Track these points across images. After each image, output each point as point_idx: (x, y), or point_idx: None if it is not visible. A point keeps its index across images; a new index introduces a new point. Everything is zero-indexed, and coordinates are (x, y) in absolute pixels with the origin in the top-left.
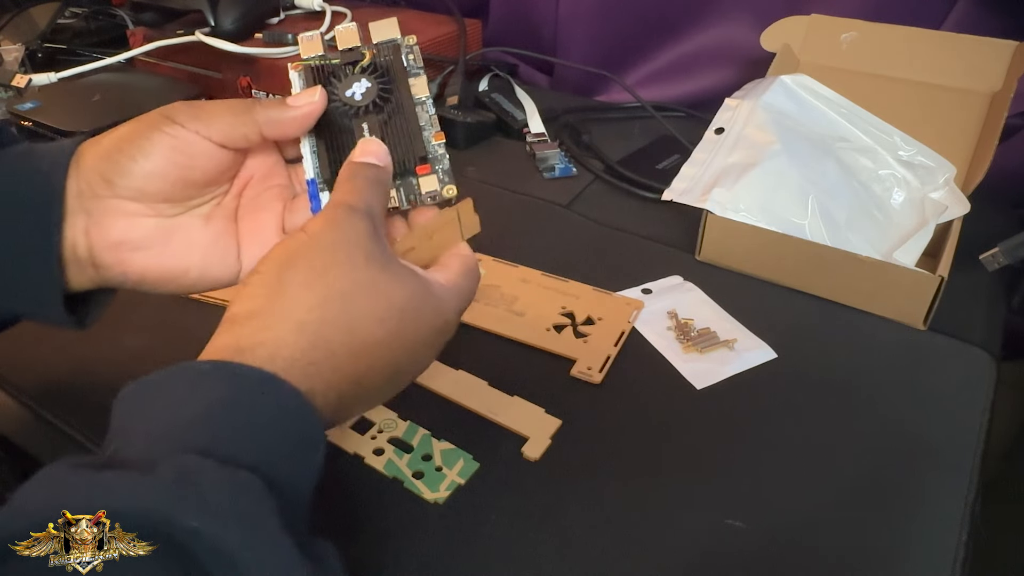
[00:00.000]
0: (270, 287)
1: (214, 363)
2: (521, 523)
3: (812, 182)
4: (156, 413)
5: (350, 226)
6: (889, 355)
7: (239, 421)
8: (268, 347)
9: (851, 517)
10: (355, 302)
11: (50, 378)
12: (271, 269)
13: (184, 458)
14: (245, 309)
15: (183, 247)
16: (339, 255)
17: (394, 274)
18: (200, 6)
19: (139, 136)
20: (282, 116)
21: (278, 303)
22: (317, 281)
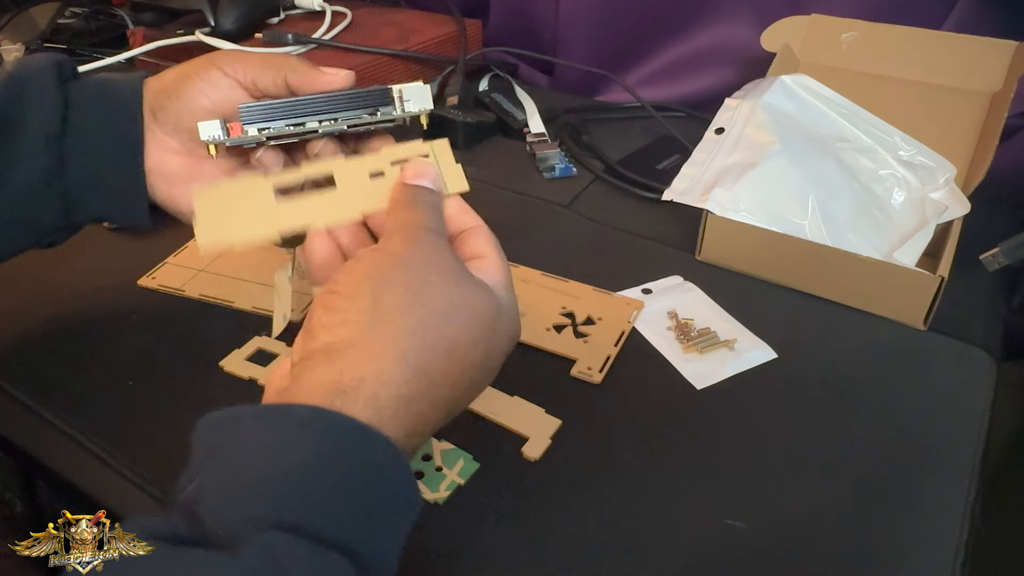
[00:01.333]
0: (366, 311)
1: (314, 410)
2: (521, 523)
3: (812, 182)
4: (245, 458)
5: (432, 242)
6: (889, 355)
7: (335, 485)
8: (371, 384)
9: (851, 517)
10: (452, 323)
11: (50, 378)
12: (363, 291)
13: (271, 536)
14: (343, 337)
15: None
16: (431, 274)
17: (480, 290)
18: (200, 6)
19: (183, 78)
20: (307, 72)
21: (377, 329)
22: (413, 303)
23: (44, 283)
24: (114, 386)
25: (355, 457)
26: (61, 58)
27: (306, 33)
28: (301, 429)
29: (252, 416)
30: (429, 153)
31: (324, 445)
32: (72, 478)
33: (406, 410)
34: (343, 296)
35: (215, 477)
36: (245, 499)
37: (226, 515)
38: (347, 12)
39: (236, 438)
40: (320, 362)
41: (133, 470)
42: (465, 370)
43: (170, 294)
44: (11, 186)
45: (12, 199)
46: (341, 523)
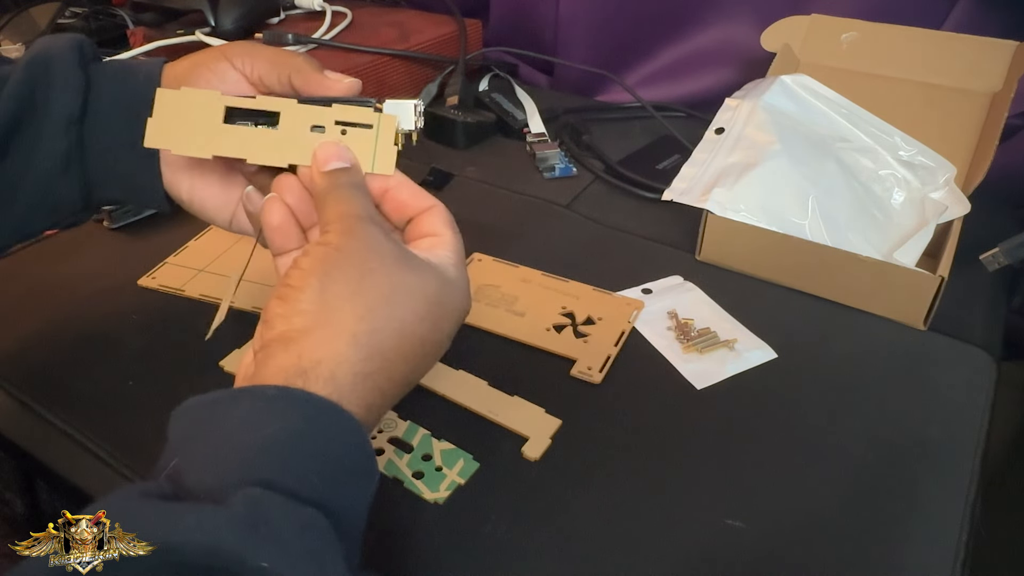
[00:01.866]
0: (316, 302)
1: (280, 388)
2: (521, 523)
3: (812, 182)
4: (220, 436)
5: (367, 233)
6: (889, 355)
7: (304, 452)
8: (328, 364)
9: (851, 517)
10: (397, 305)
11: (50, 378)
12: (311, 283)
13: (253, 491)
14: (298, 326)
15: (202, 182)
16: (370, 262)
17: (421, 269)
18: (200, 6)
19: (194, 67)
20: (310, 74)
21: (328, 316)
22: (358, 290)
23: (44, 283)
24: (114, 386)
25: (319, 429)
26: (82, 39)
27: (306, 33)
28: (270, 405)
29: (225, 399)
30: (373, 123)
31: (292, 418)
32: (72, 478)
33: (363, 386)
34: (294, 288)
35: (193, 454)
36: (225, 466)
37: (208, 482)
38: (347, 12)
39: (211, 419)
40: (279, 349)
41: (133, 470)
42: (415, 345)
43: (170, 294)
44: (33, 168)
45: (33, 181)
46: (311, 484)
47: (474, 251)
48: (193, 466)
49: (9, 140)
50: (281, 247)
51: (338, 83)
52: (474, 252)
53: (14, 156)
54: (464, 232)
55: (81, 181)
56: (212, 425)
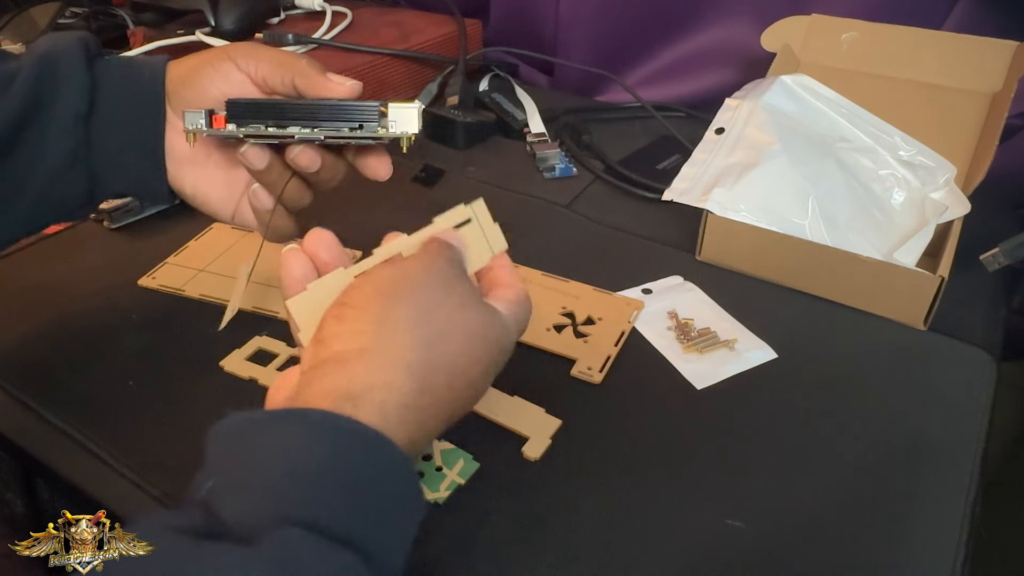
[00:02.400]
0: (376, 323)
1: (325, 415)
2: (521, 523)
3: (812, 182)
4: (260, 462)
5: (448, 264)
6: (889, 355)
7: (347, 485)
8: (380, 392)
9: (851, 517)
10: (456, 343)
11: (50, 378)
12: (374, 304)
13: (288, 533)
14: (354, 347)
15: (206, 176)
16: (439, 294)
17: (484, 313)
18: (200, 6)
19: (199, 66)
20: (314, 76)
21: (386, 342)
22: (420, 320)
23: (44, 283)
24: (114, 386)
25: (366, 460)
26: (87, 36)
27: (306, 33)
28: (315, 431)
29: (268, 420)
30: (471, 215)
31: (337, 448)
32: (72, 478)
33: (410, 419)
34: (354, 308)
35: (231, 477)
36: (261, 496)
37: (242, 511)
38: (347, 12)
39: (252, 440)
40: (331, 370)
41: (133, 470)
42: (464, 387)
43: (170, 294)
44: (41, 163)
45: (41, 176)
46: (351, 522)
47: None
48: (229, 493)
49: (18, 136)
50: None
51: (340, 86)
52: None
53: (22, 151)
54: None
55: (87, 176)
56: (252, 448)
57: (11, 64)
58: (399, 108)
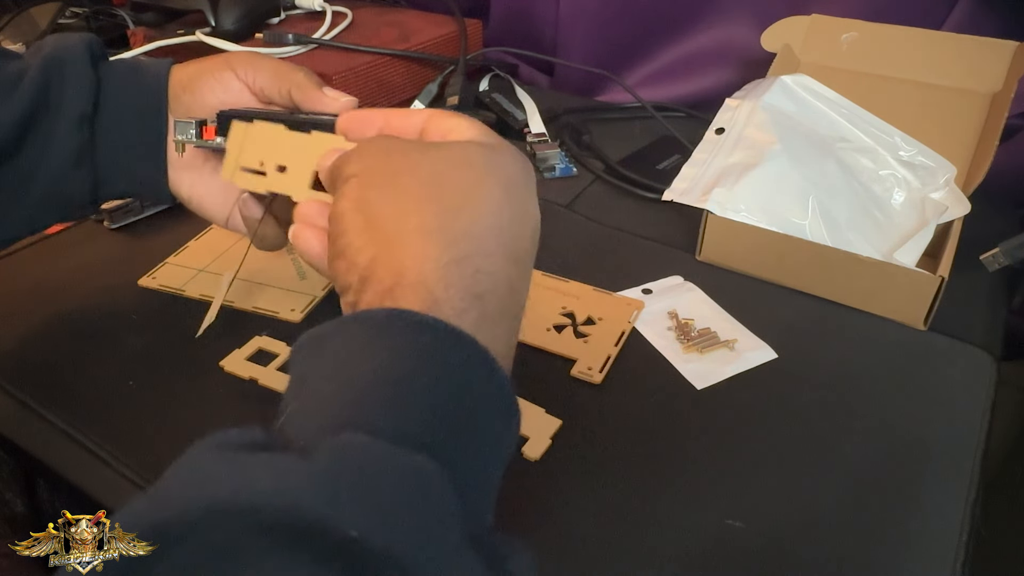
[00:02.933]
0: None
1: (391, 312)
2: (521, 523)
3: (812, 182)
4: (327, 372)
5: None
6: (889, 355)
7: (417, 385)
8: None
9: (851, 517)
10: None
11: (50, 378)
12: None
13: (344, 437)
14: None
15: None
16: (393, 158)
17: (448, 146)
18: (201, 6)
19: (200, 74)
20: (310, 90)
21: (384, 232)
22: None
23: (44, 283)
24: (114, 386)
25: (436, 356)
26: (92, 39)
27: (307, 33)
28: (378, 331)
29: (334, 329)
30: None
31: (402, 347)
32: (72, 478)
33: (459, 273)
34: (340, 235)
35: (299, 399)
36: (322, 410)
37: (308, 427)
38: (348, 12)
39: (321, 353)
40: (360, 291)
41: (133, 470)
42: (492, 215)
43: (170, 294)
44: (46, 163)
45: (47, 176)
46: (426, 426)
47: None
48: (299, 414)
49: (24, 136)
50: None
51: (335, 101)
52: None
53: (29, 151)
54: None
55: (91, 176)
56: (320, 362)
57: (17, 65)
58: None
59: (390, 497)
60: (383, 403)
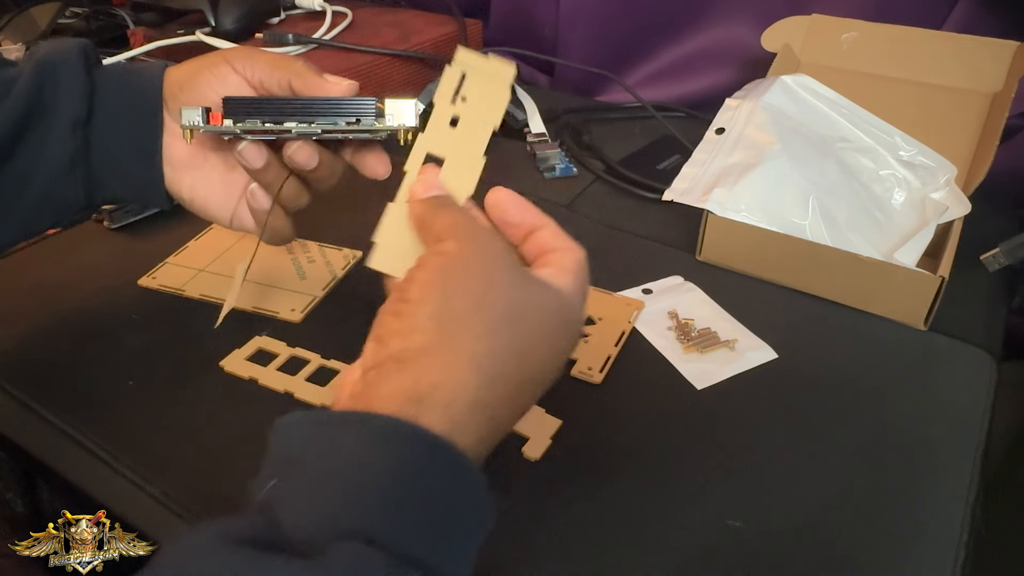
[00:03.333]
0: (436, 317)
1: (390, 421)
2: (521, 523)
3: (813, 182)
4: (323, 467)
5: (488, 239)
6: (889, 355)
7: (412, 498)
8: (446, 390)
9: (851, 517)
10: (520, 324)
11: (50, 378)
12: (431, 297)
13: (355, 548)
14: (415, 345)
15: (203, 180)
16: (494, 274)
17: (540, 287)
18: (201, 6)
19: (196, 71)
20: (310, 77)
21: (448, 335)
22: (480, 305)
23: (44, 283)
24: (114, 386)
25: (431, 470)
26: (86, 43)
27: (307, 33)
28: (381, 440)
29: (333, 421)
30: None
31: (402, 457)
32: (72, 478)
33: (479, 416)
34: (411, 303)
35: (294, 483)
36: (324, 508)
37: (304, 522)
38: (347, 12)
39: (317, 442)
40: (394, 370)
41: (133, 470)
42: (535, 372)
43: (170, 294)
44: (40, 168)
45: (41, 182)
46: (416, 537)
47: None
48: (292, 498)
49: (17, 141)
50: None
51: (336, 85)
52: None
53: (22, 156)
54: None
55: (85, 181)
56: (316, 451)
57: (10, 71)
58: (396, 102)
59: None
60: (383, 514)
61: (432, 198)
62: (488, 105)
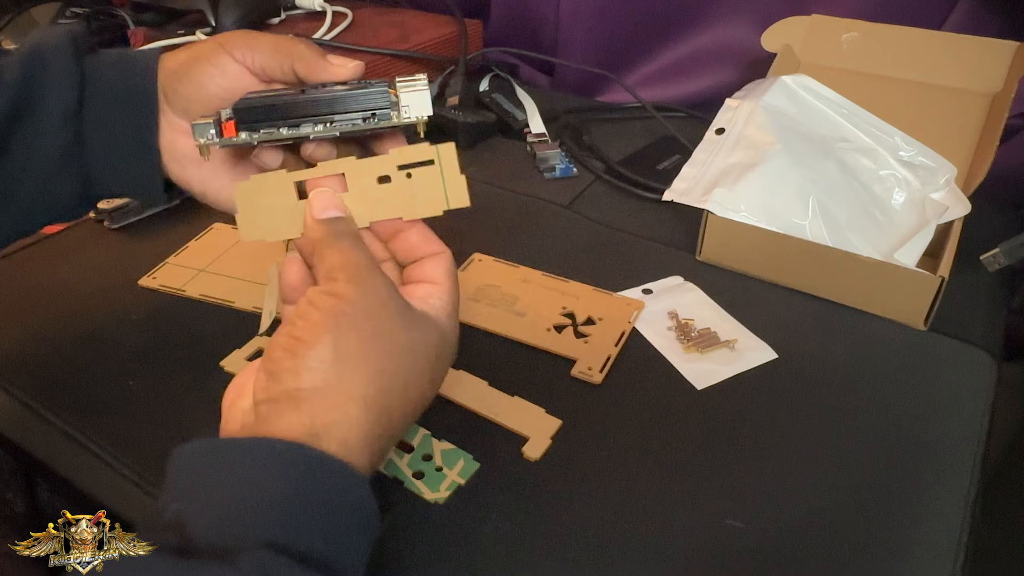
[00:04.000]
0: (327, 360)
1: (290, 445)
2: (521, 523)
3: (813, 182)
4: (228, 487)
5: (376, 285)
6: (889, 355)
7: (311, 511)
8: (341, 428)
9: (851, 517)
10: (404, 364)
11: (50, 378)
12: (323, 339)
13: (262, 554)
14: (307, 384)
15: (213, 175)
16: (381, 321)
17: (424, 326)
18: (201, 6)
19: (193, 62)
20: (314, 60)
21: (340, 378)
22: (369, 349)
23: (44, 283)
24: (114, 386)
25: (327, 488)
26: (77, 31)
27: (307, 33)
28: (280, 461)
29: (233, 448)
30: (434, 158)
31: (302, 477)
32: (72, 478)
33: (371, 446)
34: (303, 343)
35: (201, 504)
36: (232, 523)
37: (214, 538)
38: (348, 12)
39: (219, 467)
40: (288, 408)
41: (133, 470)
42: (416, 402)
43: (170, 294)
44: (32, 164)
45: (33, 177)
46: (318, 544)
47: (474, 251)
48: (198, 517)
49: (7, 136)
50: (293, 301)
51: (342, 68)
52: (474, 252)
53: (13, 151)
54: (464, 232)
55: (80, 176)
56: (218, 474)
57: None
58: (408, 88)
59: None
60: (286, 525)
61: (329, 223)
62: (422, 198)
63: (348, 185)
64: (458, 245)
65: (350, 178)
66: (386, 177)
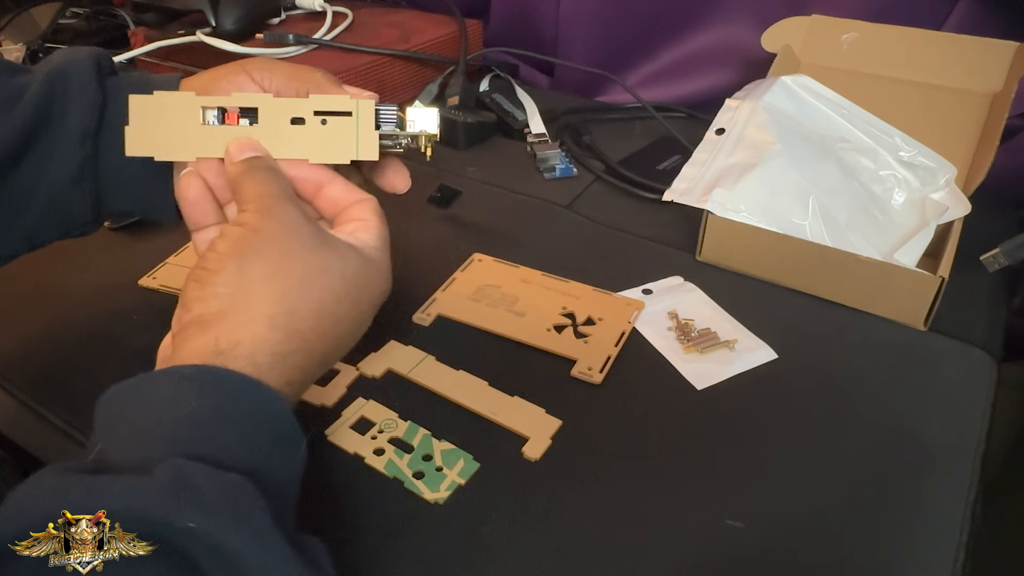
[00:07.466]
0: (233, 284)
1: (197, 367)
2: (521, 523)
3: (813, 182)
4: (142, 416)
5: (285, 212)
6: (889, 355)
7: (225, 426)
8: (247, 345)
9: (851, 517)
10: (314, 286)
11: (50, 378)
12: (228, 266)
13: (177, 461)
14: (214, 308)
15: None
16: (288, 244)
17: (339, 250)
18: (201, 6)
19: (211, 80)
20: (330, 88)
21: (245, 299)
22: (276, 272)
23: (44, 283)
24: None
25: (238, 402)
26: (100, 53)
27: (307, 33)
28: (189, 383)
29: (145, 382)
30: (352, 110)
31: (210, 393)
32: None
33: (283, 365)
34: (210, 271)
35: (119, 434)
36: (148, 443)
37: (131, 455)
38: (348, 12)
39: (133, 401)
40: (196, 332)
41: None
42: (333, 325)
43: (170, 294)
44: (48, 179)
45: (48, 192)
46: (233, 453)
47: (474, 251)
48: (117, 446)
49: (25, 150)
50: (197, 222)
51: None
52: (474, 252)
53: (29, 166)
54: (464, 232)
55: (93, 193)
56: (133, 407)
57: (22, 78)
58: (417, 111)
59: (215, 499)
60: (200, 438)
61: (245, 161)
62: (332, 145)
63: (260, 119)
64: (458, 245)
65: (263, 113)
66: (300, 119)
